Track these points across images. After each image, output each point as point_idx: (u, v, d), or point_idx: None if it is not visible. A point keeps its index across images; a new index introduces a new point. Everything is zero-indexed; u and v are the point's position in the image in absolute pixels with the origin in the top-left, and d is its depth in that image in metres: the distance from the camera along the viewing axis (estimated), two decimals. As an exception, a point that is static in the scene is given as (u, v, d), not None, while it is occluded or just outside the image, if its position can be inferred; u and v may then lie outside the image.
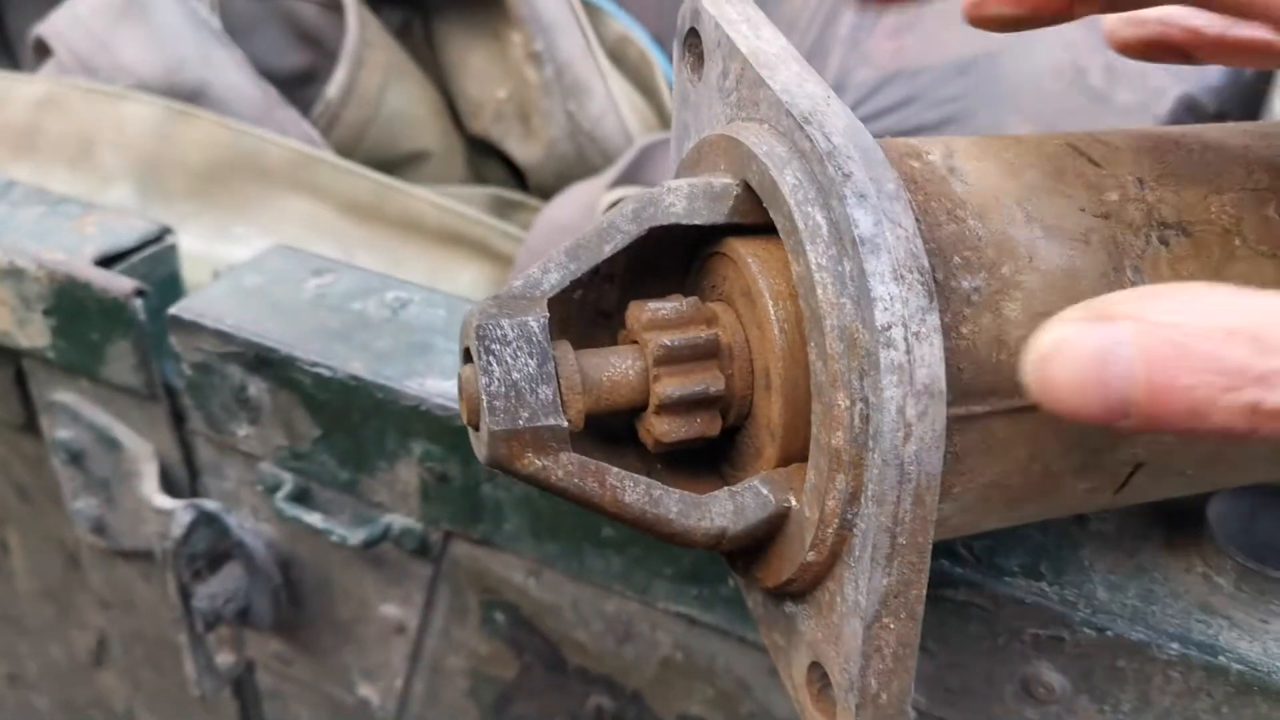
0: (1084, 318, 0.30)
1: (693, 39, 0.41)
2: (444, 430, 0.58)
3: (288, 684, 0.72)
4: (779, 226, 0.36)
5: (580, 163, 1.06)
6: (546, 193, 1.07)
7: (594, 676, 0.61)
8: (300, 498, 0.64)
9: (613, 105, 1.07)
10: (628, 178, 1.01)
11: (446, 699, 0.67)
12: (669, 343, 0.38)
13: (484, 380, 0.36)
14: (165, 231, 0.70)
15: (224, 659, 0.66)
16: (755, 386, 0.39)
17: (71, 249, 0.67)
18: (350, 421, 0.60)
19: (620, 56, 1.12)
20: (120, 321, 0.65)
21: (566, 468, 0.37)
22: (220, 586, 0.63)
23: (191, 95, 0.95)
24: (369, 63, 1.02)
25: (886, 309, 0.33)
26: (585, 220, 1.00)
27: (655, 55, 1.11)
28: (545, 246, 0.99)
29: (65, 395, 0.70)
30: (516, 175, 1.12)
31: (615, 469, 0.38)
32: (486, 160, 1.13)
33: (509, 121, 1.08)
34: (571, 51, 1.05)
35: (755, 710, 0.57)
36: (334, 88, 1.01)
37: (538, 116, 1.05)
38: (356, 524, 0.63)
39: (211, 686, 0.64)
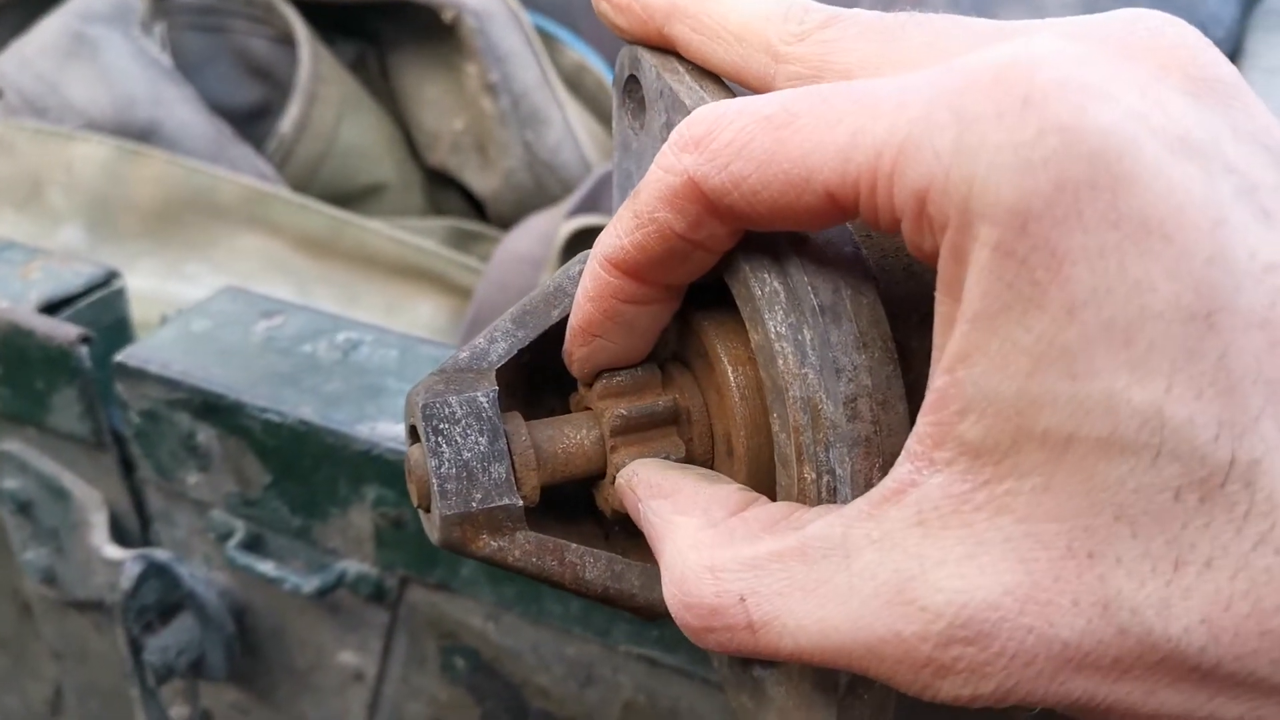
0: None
1: (633, 85, 0.39)
2: (397, 475, 0.57)
3: (246, 734, 0.71)
4: (734, 292, 0.34)
5: (539, 192, 1.06)
6: (505, 223, 1.06)
7: (556, 721, 0.60)
8: (252, 545, 0.63)
9: (570, 134, 1.06)
10: (587, 206, 1.00)
11: (407, 746, 0.66)
12: (625, 412, 0.37)
13: (434, 462, 0.35)
14: (112, 275, 0.69)
15: (178, 712, 0.65)
16: (716, 452, 0.38)
17: (16, 296, 0.66)
18: (301, 467, 0.59)
19: (577, 84, 1.11)
20: (65, 369, 0.63)
21: (524, 547, 0.36)
22: (172, 638, 0.61)
23: (142, 134, 0.94)
24: (323, 96, 1.01)
25: (851, 380, 0.32)
26: (544, 250, 0.99)
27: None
28: (505, 278, 0.99)
29: (11, 444, 0.68)
30: (475, 206, 1.11)
31: (574, 545, 0.36)
32: (444, 191, 1.12)
33: (466, 153, 1.07)
34: (528, 81, 1.04)
35: (719, 753, 0.56)
36: (287, 122, 1.00)
37: (495, 147, 1.05)
38: (310, 571, 0.61)
39: (165, 741, 0.63)
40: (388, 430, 0.57)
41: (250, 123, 1.03)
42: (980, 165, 0.25)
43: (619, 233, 0.33)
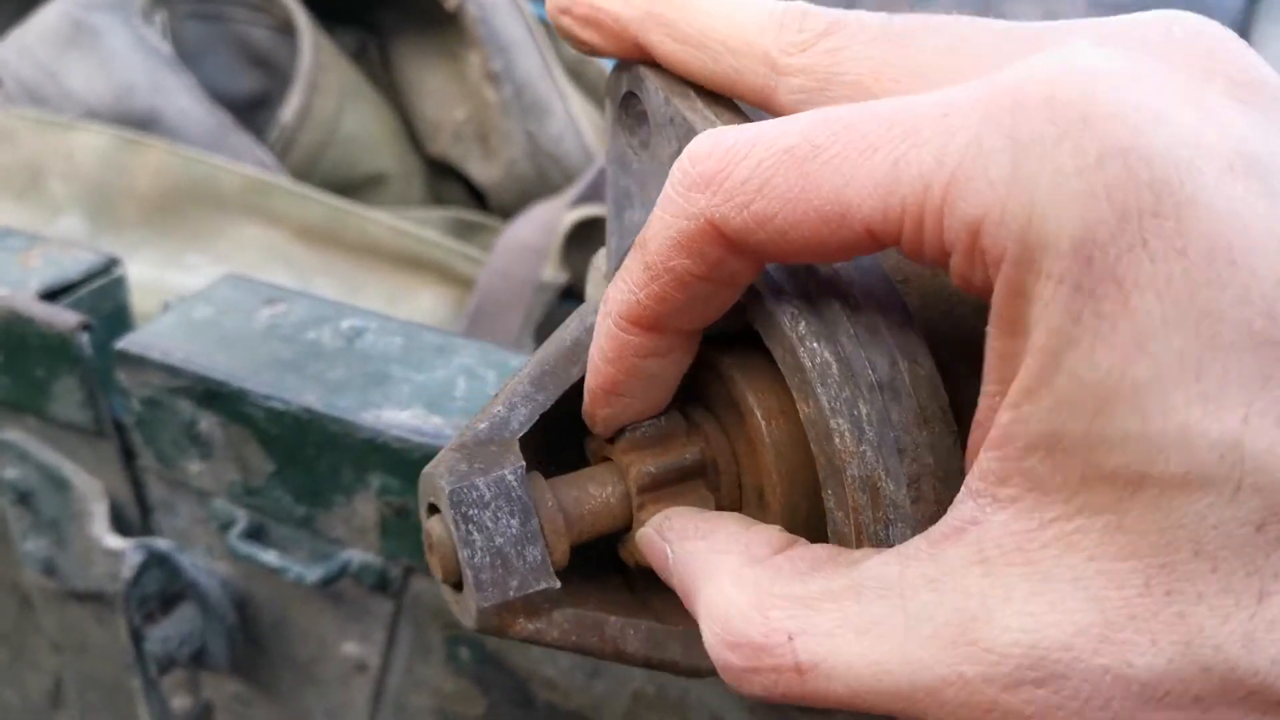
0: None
1: (631, 101, 0.37)
2: (402, 463, 0.56)
3: (248, 726, 0.70)
4: (778, 359, 0.33)
5: (541, 182, 1.05)
6: (507, 213, 1.06)
7: (563, 713, 0.60)
8: (255, 535, 0.62)
9: (573, 124, 1.06)
10: (590, 196, 1.00)
11: (411, 738, 0.65)
12: (654, 470, 0.35)
13: (466, 552, 0.33)
14: (112, 263, 0.68)
15: (180, 703, 0.64)
16: (745, 503, 0.37)
17: (15, 283, 0.65)
18: (305, 456, 0.58)
19: (579, 74, 1.11)
20: (66, 357, 0.63)
21: (562, 627, 0.34)
22: (174, 629, 0.61)
23: (142, 122, 0.93)
24: (324, 86, 1.01)
25: (914, 460, 0.31)
26: (547, 240, 0.98)
27: (615, 73, 1.10)
28: (507, 267, 0.98)
29: (11, 433, 0.68)
30: (476, 196, 1.11)
31: (613, 619, 0.35)
32: (446, 182, 1.11)
33: (468, 142, 1.06)
34: (530, 70, 1.03)
35: (728, 744, 0.56)
36: (289, 111, 0.99)
37: (497, 136, 1.04)
38: (314, 561, 0.61)
39: (167, 732, 0.62)
40: (392, 418, 0.57)
41: (251, 112, 1.03)
42: (1040, 193, 0.24)
43: (632, 287, 0.31)
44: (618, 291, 0.32)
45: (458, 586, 0.35)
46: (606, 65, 1.11)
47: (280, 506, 0.60)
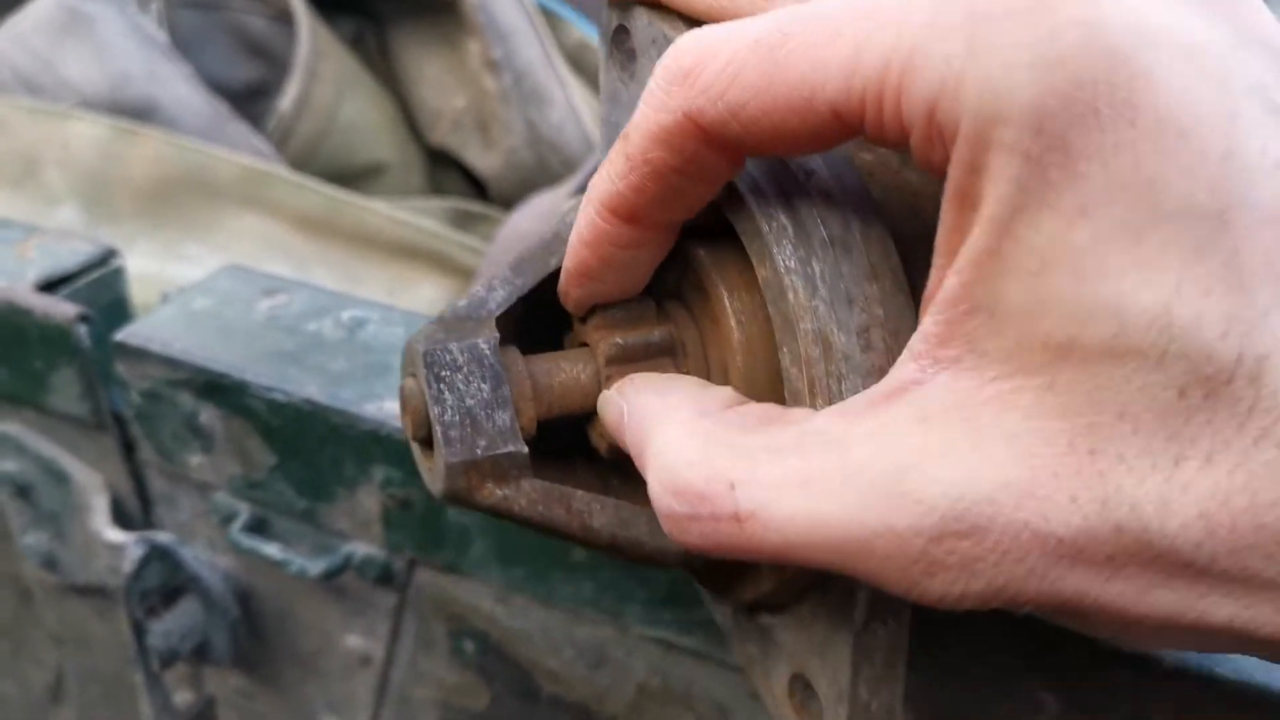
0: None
1: (621, 35, 0.38)
2: (405, 455, 0.55)
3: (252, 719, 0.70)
4: (739, 229, 0.34)
5: (541, 171, 1.04)
6: (507, 203, 1.05)
7: (568, 705, 0.59)
8: (257, 528, 0.61)
9: (573, 113, 1.05)
10: (591, 186, 0.99)
11: (415, 731, 0.65)
12: (621, 342, 0.36)
13: (436, 410, 0.34)
14: (110, 254, 0.67)
15: (182, 697, 0.64)
16: (711, 379, 0.37)
17: (12, 274, 0.64)
18: (307, 448, 0.58)
19: (580, 63, 1.10)
20: (64, 349, 0.62)
21: (529, 495, 0.35)
22: (176, 622, 0.60)
23: (139, 112, 0.92)
24: (322, 74, 1.00)
25: (864, 310, 0.31)
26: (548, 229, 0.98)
27: (615, 61, 1.09)
28: (509, 258, 0.97)
29: (9, 426, 0.67)
30: (476, 186, 1.10)
31: (580, 493, 0.36)
32: (445, 171, 1.11)
33: (467, 131, 1.05)
34: (530, 58, 1.03)
35: (736, 736, 0.55)
36: (287, 100, 0.98)
37: (497, 125, 1.03)
38: (316, 554, 0.60)
39: (169, 727, 0.62)
40: (395, 409, 0.56)
41: (248, 101, 1.02)
42: (994, 66, 0.24)
43: (612, 176, 0.32)
44: (599, 181, 0.33)
45: (425, 443, 0.36)
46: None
47: (282, 499, 0.60)
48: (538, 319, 0.39)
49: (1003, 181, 0.25)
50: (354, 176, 1.03)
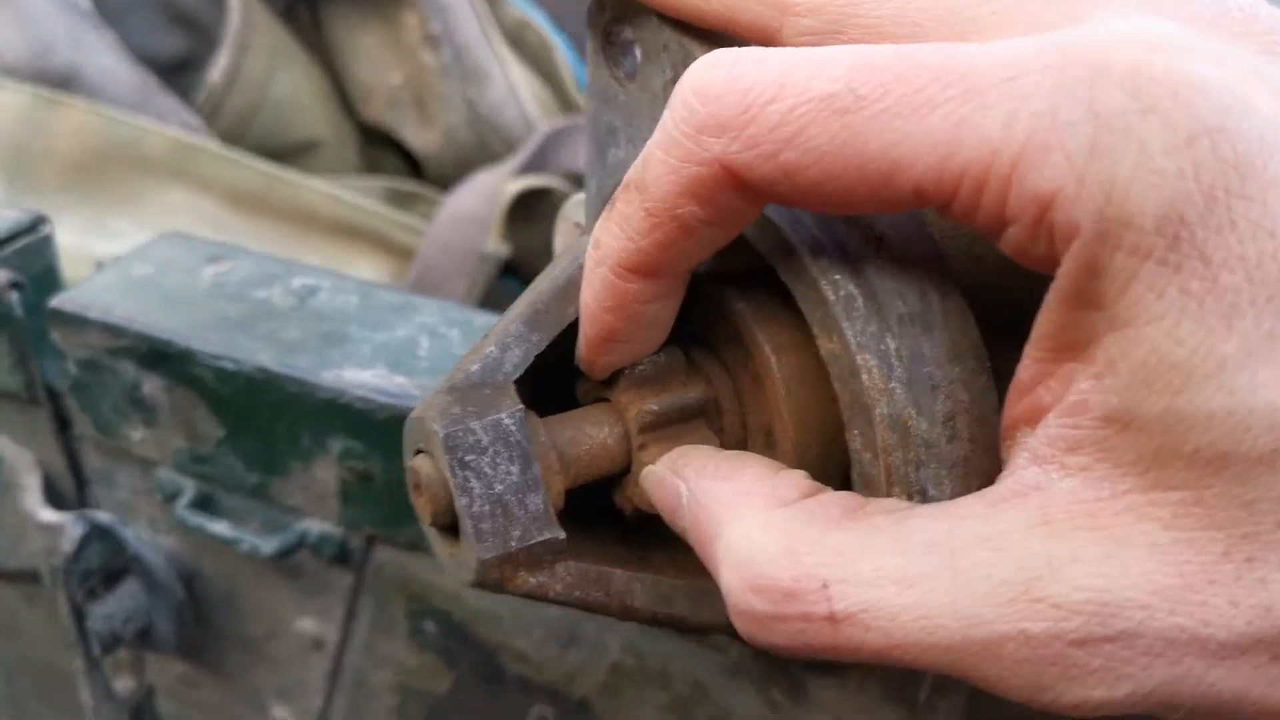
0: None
1: (615, 28, 0.35)
2: (365, 425, 0.53)
3: (193, 709, 0.66)
4: (797, 294, 0.31)
5: (481, 150, 1.02)
6: (445, 182, 1.02)
7: (536, 686, 0.57)
8: (203, 505, 0.58)
9: (512, 92, 1.03)
10: (534, 165, 0.97)
11: (371, 718, 0.62)
12: (656, 408, 0.34)
13: (464, 500, 0.31)
14: (40, 220, 0.64)
15: (123, 685, 0.60)
16: (750, 445, 0.35)
17: (-64, 241, 0.61)
18: (259, 419, 0.55)
19: (519, 41, 1.07)
20: (-6, 318, 0.59)
21: (565, 580, 0.33)
22: (117, 605, 0.57)
23: (62, 81, 0.88)
24: (253, 46, 0.96)
25: (948, 397, 0.29)
26: (489, 209, 0.95)
27: (556, 40, 1.07)
28: (449, 238, 0.95)
29: (-68, 403, 0.63)
30: (411, 164, 1.07)
31: (618, 573, 0.34)
32: (380, 149, 1.07)
33: (404, 108, 1.02)
34: (469, 34, 1.00)
35: (714, 714, 0.53)
36: (217, 72, 0.95)
37: (435, 103, 1.00)
38: (268, 532, 0.57)
39: (110, 715, 0.58)
40: (354, 377, 0.53)
41: (176, 74, 0.98)
42: (1123, 169, 0.23)
43: (632, 235, 0.29)
44: (615, 240, 0.30)
45: (446, 530, 0.33)
46: (548, 33, 1.08)
47: (231, 474, 0.57)
48: (545, 370, 0.36)
49: (1136, 288, 0.24)
50: (287, 153, 0.99)
